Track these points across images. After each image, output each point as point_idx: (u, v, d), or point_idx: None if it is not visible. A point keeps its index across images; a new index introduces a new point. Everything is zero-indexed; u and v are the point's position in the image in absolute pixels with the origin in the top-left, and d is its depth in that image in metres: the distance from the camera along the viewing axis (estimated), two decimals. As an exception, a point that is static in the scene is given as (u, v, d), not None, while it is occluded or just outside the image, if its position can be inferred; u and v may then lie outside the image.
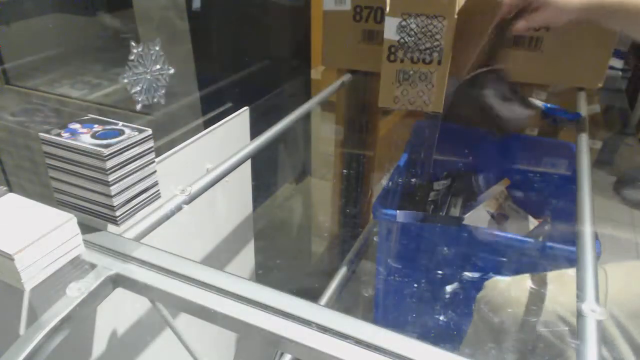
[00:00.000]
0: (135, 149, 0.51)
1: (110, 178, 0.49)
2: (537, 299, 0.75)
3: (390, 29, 0.87)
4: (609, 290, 0.72)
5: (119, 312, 0.66)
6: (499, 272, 0.93)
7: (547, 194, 1.18)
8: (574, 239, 0.61)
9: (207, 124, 0.82)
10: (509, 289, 0.79)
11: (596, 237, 0.61)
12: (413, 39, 0.87)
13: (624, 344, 0.69)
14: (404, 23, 0.86)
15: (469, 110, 0.97)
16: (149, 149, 0.53)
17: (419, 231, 0.98)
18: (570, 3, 0.74)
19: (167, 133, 0.96)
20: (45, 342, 0.41)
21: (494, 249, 0.91)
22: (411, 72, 0.90)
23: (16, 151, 0.91)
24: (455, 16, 0.84)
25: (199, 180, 0.66)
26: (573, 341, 0.68)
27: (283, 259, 1.37)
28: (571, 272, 0.61)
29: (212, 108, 1.10)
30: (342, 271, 1.08)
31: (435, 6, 0.84)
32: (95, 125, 0.52)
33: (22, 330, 0.50)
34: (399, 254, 1.03)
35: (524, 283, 0.78)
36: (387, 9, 0.86)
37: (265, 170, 1.44)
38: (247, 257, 1.05)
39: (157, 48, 0.68)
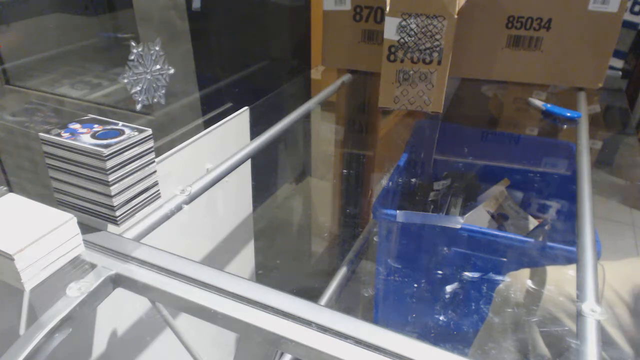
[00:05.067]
0: (135, 149, 0.51)
1: (110, 178, 0.49)
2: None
3: (390, 29, 0.87)
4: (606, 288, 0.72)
5: (119, 312, 0.66)
6: (499, 272, 0.93)
7: (547, 194, 1.18)
8: (574, 239, 0.61)
9: (207, 124, 0.82)
10: (533, 279, 0.79)
11: (596, 237, 0.61)
12: (413, 39, 0.87)
13: (622, 342, 0.69)
14: (404, 23, 0.86)
15: None
16: (149, 149, 0.53)
17: (419, 231, 0.98)
18: None
19: (167, 133, 0.96)
20: (45, 342, 0.41)
21: (494, 249, 0.91)
22: (411, 72, 0.90)
23: (16, 151, 0.91)
24: (455, 16, 0.84)
25: (199, 180, 0.66)
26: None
27: (283, 259, 1.37)
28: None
29: (212, 108, 1.10)
30: (342, 271, 1.07)
31: (435, 6, 0.84)
32: (95, 125, 0.52)
33: (22, 330, 0.50)
34: (399, 254, 1.03)
35: (544, 274, 0.78)
36: (387, 9, 0.86)
37: (265, 170, 1.44)
38: (247, 257, 1.05)
39: (157, 48, 0.68)
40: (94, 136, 0.50)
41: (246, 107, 0.90)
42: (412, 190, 1.20)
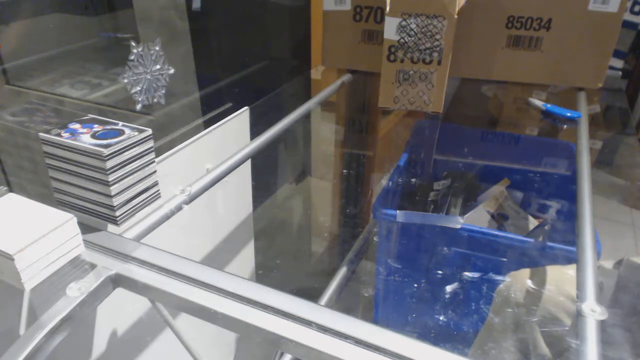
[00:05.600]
0: (135, 149, 0.51)
1: (110, 178, 0.49)
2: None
3: (390, 29, 0.87)
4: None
5: (119, 312, 0.66)
6: (499, 272, 0.93)
7: (547, 194, 1.18)
8: (574, 239, 0.61)
9: (208, 124, 0.82)
10: (533, 279, 0.79)
11: (596, 237, 0.61)
12: (413, 39, 0.87)
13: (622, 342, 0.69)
14: (404, 23, 0.86)
15: None
16: (149, 149, 0.53)
17: (419, 231, 0.98)
18: None
19: (167, 133, 0.96)
20: (45, 342, 0.41)
21: (494, 249, 0.91)
22: (411, 72, 0.90)
23: (16, 151, 0.91)
24: (455, 16, 0.84)
25: (199, 180, 0.66)
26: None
27: (283, 259, 1.37)
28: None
29: (212, 108, 1.10)
30: (342, 271, 1.08)
31: (435, 6, 0.84)
32: (95, 125, 0.52)
33: (22, 330, 0.50)
34: (399, 254, 1.03)
35: (544, 274, 0.78)
36: (387, 9, 0.86)
37: (265, 170, 1.44)
38: (247, 257, 1.05)
39: (157, 48, 0.68)
40: (94, 136, 0.50)
41: (246, 107, 0.90)
42: (412, 190, 1.20)
